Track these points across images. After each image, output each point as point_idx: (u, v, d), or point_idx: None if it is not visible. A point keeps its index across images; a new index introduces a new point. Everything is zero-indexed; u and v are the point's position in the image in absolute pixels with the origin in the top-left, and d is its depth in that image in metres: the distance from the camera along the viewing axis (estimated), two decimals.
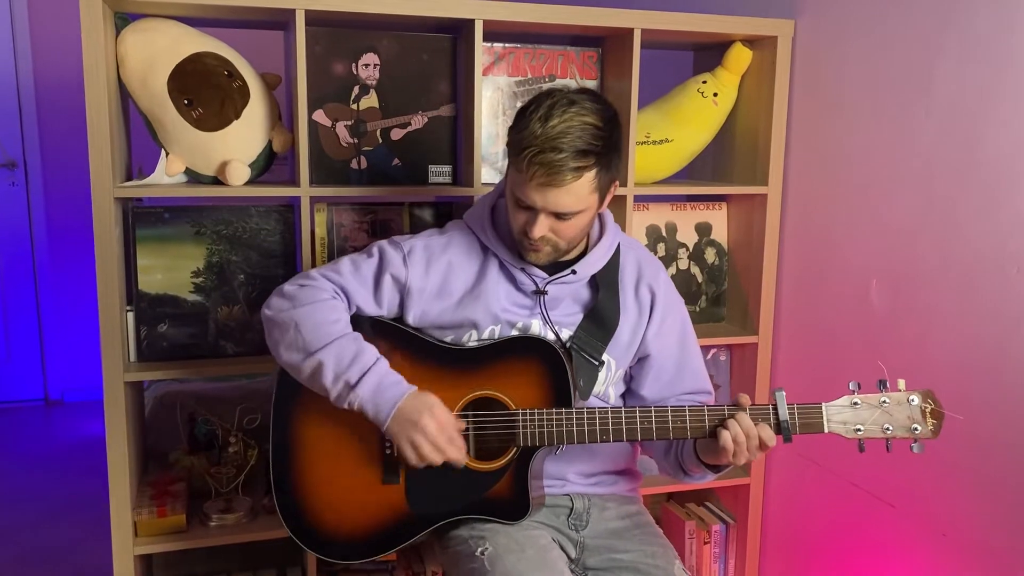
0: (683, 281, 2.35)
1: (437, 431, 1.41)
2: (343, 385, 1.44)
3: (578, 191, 1.40)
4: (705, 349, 2.39)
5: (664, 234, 2.34)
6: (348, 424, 1.51)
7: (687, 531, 2.38)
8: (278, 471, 1.58)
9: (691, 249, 2.36)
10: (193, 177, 1.96)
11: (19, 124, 3.89)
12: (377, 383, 1.44)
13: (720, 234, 2.39)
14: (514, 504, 1.50)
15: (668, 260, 2.34)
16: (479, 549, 1.47)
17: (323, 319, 1.48)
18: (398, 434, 1.43)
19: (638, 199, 2.24)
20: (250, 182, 1.96)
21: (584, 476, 1.65)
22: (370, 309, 1.57)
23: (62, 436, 3.83)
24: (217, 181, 1.95)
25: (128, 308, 1.93)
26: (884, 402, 1.39)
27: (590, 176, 1.40)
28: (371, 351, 1.48)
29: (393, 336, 1.56)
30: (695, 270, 2.37)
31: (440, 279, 1.56)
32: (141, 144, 2.09)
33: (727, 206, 2.39)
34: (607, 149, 1.41)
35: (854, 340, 2.03)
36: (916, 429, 1.39)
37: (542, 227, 1.44)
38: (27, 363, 4.11)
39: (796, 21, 2.17)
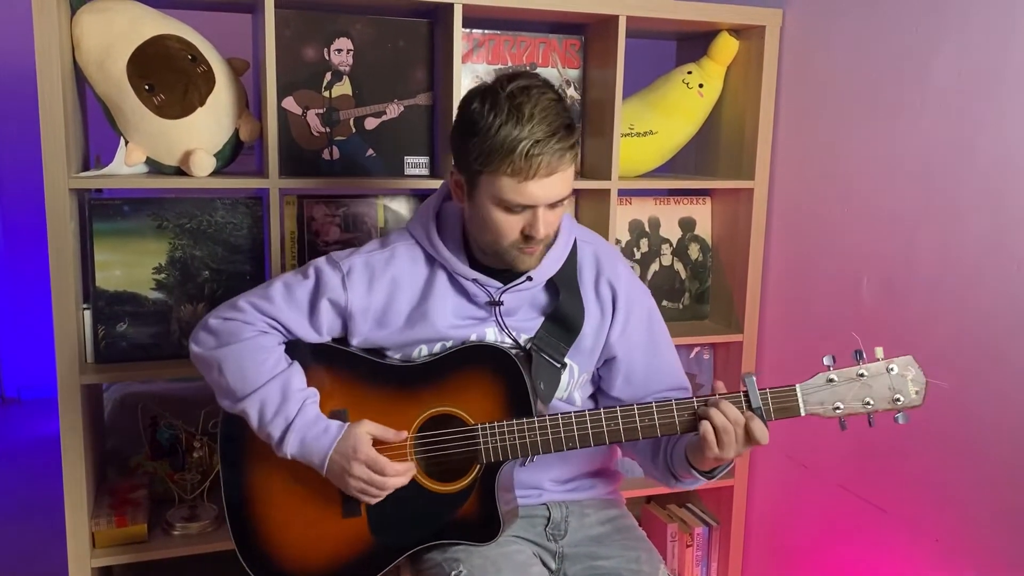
0: (666, 277, 2.29)
1: (367, 477, 1.36)
2: (267, 438, 1.40)
3: (571, 173, 1.35)
4: (688, 347, 2.33)
5: (647, 229, 2.27)
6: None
7: (669, 534, 2.32)
8: (235, 519, 1.50)
9: (674, 245, 2.30)
10: (154, 167, 1.85)
11: None
12: (301, 440, 1.38)
13: (704, 229, 2.33)
14: (484, 525, 1.41)
15: (651, 256, 2.27)
16: (453, 572, 1.38)
17: (246, 360, 1.40)
18: (337, 483, 1.39)
19: (621, 193, 2.17)
20: (215, 173, 1.86)
21: (560, 483, 1.57)
22: (308, 336, 1.46)
23: (19, 435, 3.69)
24: (180, 172, 1.84)
25: (85, 306, 1.82)
26: (862, 374, 1.31)
27: (576, 152, 1.35)
28: (295, 398, 1.39)
29: (336, 360, 1.47)
30: (678, 266, 2.31)
31: (384, 297, 1.45)
32: (99, 132, 1.97)
33: (711, 200, 2.32)
34: (574, 120, 1.36)
35: (843, 339, 1.97)
36: (898, 400, 1.31)
37: (547, 223, 1.34)
38: None
39: (784, 10, 2.10)
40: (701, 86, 2.18)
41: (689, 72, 2.19)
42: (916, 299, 1.79)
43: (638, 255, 2.26)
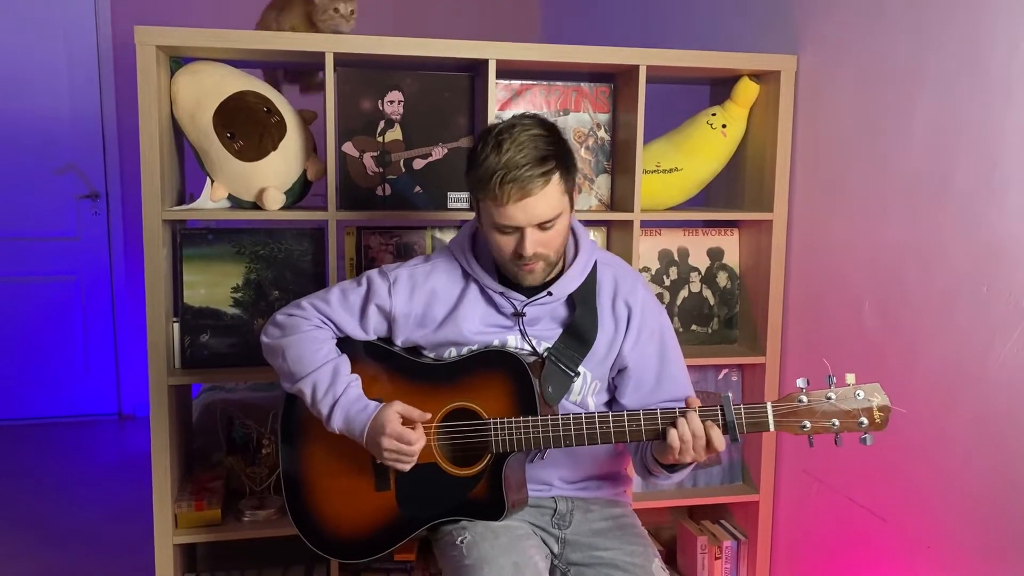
0: (695, 303, 2.46)
1: (395, 448, 1.57)
2: (318, 413, 1.65)
3: (551, 195, 1.53)
4: (717, 369, 2.48)
5: (676, 258, 2.45)
6: (342, 439, 1.67)
7: (699, 546, 2.46)
8: (289, 485, 1.76)
9: (703, 273, 2.47)
10: (235, 202, 2.17)
11: (103, 159, 4.24)
12: (345, 415, 1.62)
13: (732, 259, 2.49)
14: (491, 505, 1.63)
15: (680, 283, 2.45)
16: (460, 538, 1.61)
17: (305, 349, 1.66)
18: (374, 452, 1.62)
19: (647, 224, 2.37)
20: (285, 207, 2.17)
21: (569, 482, 1.76)
22: (357, 335, 1.72)
23: (133, 448, 4.10)
24: (256, 206, 2.15)
25: (174, 320, 2.15)
26: (830, 398, 1.45)
27: (556, 179, 1.53)
28: (342, 380, 1.64)
29: (379, 356, 1.72)
30: (707, 293, 2.48)
31: (423, 305, 1.69)
32: (197, 174, 2.31)
33: (739, 232, 2.49)
34: (561, 152, 1.55)
35: (851, 359, 2.10)
36: (863, 422, 1.44)
37: (532, 242, 1.54)
38: (103, 380, 4.42)
39: (798, 56, 2.28)
40: (724, 126, 2.37)
41: (713, 114, 2.38)
42: (909, 321, 1.91)
43: (667, 282, 2.45)
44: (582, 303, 1.68)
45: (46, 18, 4.09)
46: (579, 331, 1.68)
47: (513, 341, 1.69)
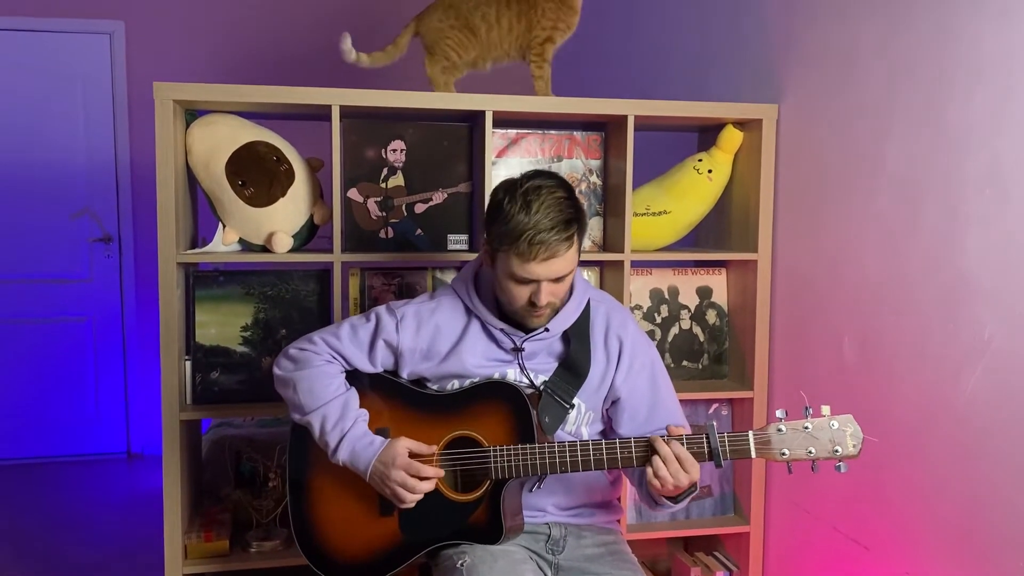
0: (685, 340, 2.56)
1: (402, 481, 1.67)
2: (325, 445, 1.74)
3: (571, 255, 1.66)
4: (707, 403, 2.57)
5: (667, 297, 2.56)
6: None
7: None
8: (295, 511, 1.85)
9: (692, 311, 2.57)
10: (245, 246, 2.29)
11: (116, 204, 4.38)
12: (351, 448, 1.70)
13: (720, 297, 2.60)
14: (489, 529, 1.71)
15: (671, 321, 2.55)
16: (460, 562, 1.69)
17: (316, 383, 1.75)
18: (377, 487, 1.71)
19: (638, 264, 2.48)
20: (293, 250, 2.28)
21: (562, 508, 1.84)
22: (365, 368, 1.81)
23: (142, 486, 4.18)
24: (265, 249, 2.27)
25: (186, 358, 2.25)
26: (807, 427, 1.54)
27: (573, 241, 1.66)
28: (351, 415, 1.73)
29: (386, 388, 1.82)
30: (697, 330, 2.58)
31: (428, 340, 1.79)
32: (209, 219, 2.43)
33: (727, 271, 2.60)
34: (579, 213, 1.66)
35: (833, 391, 2.20)
36: (837, 451, 1.53)
37: (546, 294, 1.67)
38: (113, 419, 4.51)
39: (780, 105, 2.40)
40: (710, 172, 2.49)
41: (700, 160, 2.50)
42: (882, 355, 2.01)
43: (659, 319, 2.55)
44: (576, 338, 1.79)
45: (64, 68, 4.26)
46: (573, 365, 1.78)
47: (512, 374, 1.79)
